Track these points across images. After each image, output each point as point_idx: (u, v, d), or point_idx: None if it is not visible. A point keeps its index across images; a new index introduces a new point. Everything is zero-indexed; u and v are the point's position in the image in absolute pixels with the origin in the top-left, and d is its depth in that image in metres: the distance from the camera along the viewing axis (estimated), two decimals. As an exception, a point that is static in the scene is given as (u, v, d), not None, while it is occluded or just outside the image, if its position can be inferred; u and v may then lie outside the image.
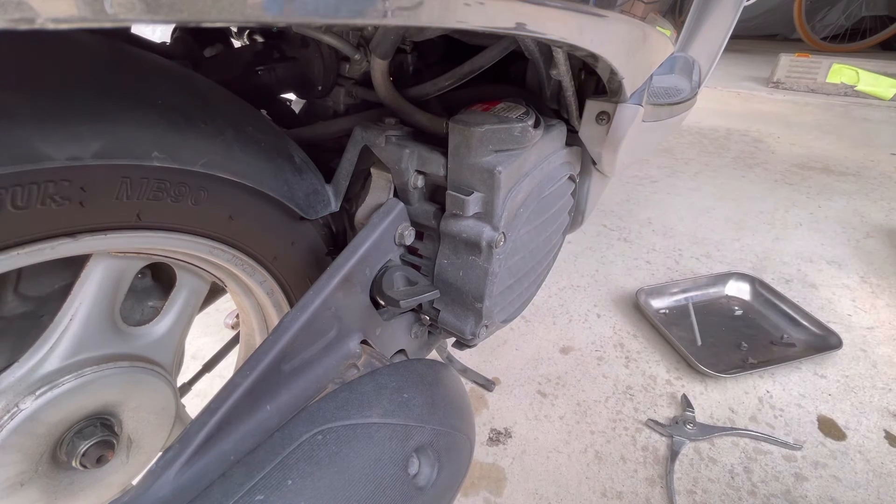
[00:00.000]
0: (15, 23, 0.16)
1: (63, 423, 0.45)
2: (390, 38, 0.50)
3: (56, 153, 0.31)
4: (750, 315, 1.33)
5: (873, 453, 0.97)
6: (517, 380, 1.13)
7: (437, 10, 0.28)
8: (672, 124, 0.79)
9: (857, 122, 2.99)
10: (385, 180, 0.56)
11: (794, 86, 3.64)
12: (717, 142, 2.63)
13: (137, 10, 0.18)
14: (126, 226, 0.40)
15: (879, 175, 2.15)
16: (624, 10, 0.44)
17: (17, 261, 0.35)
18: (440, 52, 0.71)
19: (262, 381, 0.42)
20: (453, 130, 0.48)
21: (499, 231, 0.50)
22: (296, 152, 0.53)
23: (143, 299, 0.54)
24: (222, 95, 0.47)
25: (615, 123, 0.57)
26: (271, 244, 0.54)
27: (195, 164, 0.40)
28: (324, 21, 0.24)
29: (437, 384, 0.50)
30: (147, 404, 0.52)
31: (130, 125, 0.36)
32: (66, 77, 0.34)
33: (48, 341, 0.43)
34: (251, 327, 0.66)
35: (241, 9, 0.20)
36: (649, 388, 1.11)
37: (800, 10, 4.61)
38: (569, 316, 1.34)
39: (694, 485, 0.90)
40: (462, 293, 0.54)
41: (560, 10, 0.36)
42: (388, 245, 0.53)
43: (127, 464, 0.52)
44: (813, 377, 1.15)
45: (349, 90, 0.66)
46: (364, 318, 0.52)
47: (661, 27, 0.56)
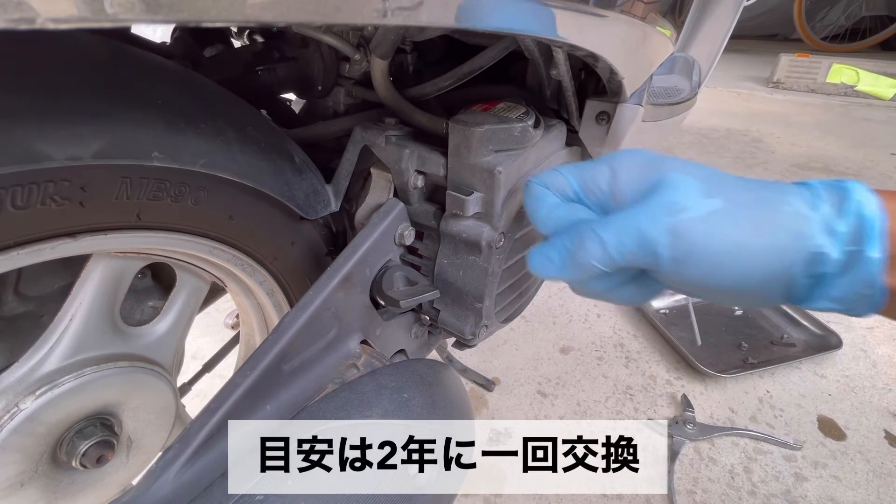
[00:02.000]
0: (15, 23, 0.16)
1: (63, 423, 0.45)
2: (390, 38, 0.50)
3: (56, 153, 0.31)
4: (750, 315, 1.33)
5: (873, 453, 0.97)
6: (517, 380, 1.13)
7: (437, 10, 0.28)
8: (672, 124, 0.79)
9: (857, 122, 2.99)
10: (385, 180, 0.56)
11: (794, 86, 3.64)
12: (718, 142, 2.63)
13: (137, 10, 0.18)
14: (126, 226, 0.40)
15: (879, 175, 2.15)
16: (624, 11, 0.44)
17: (17, 261, 0.35)
18: (440, 52, 0.71)
19: (262, 381, 0.42)
20: (453, 130, 0.48)
21: (499, 231, 0.50)
22: (296, 152, 0.53)
23: (143, 299, 0.54)
24: (222, 95, 0.47)
25: (615, 123, 0.57)
26: (271, 244, 0.54)
27: (195, 164, 0.40)
28: (324, 21, 0.24)
29: (437, 384, 0.50)
30: (147, 404, 0.52)
31: (130, 125, 0.36)
32: (66, 77, 0.34)
33: (48, 341, 0.43)
34: (251, 327, 0.66)
35: (241, 9, 0.20)
36: (649, 388, 1.11)
37: (800, 10, 4.61)
38: (569, 316, 1.34)
39: (694, 485, 0.90)
40: (462, 293, 0.54)
41: (560, 10, 0.36)
42: (388, 245, 0.53)
43: (127, 464, 0.52)
44: (813, 377, 1.15)
45: (349, 90, 0.66)
46: (364, 318, 0.52)
47: (661, 27, 0.56)
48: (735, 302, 0.35)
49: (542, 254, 0.38)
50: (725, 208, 0.32)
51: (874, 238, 0.29)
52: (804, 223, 0.31)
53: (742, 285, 0.32)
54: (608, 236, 0.34)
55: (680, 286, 0.35)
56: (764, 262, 0.31)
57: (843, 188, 0.31)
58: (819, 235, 0.30)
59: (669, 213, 0.32)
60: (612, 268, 0.35)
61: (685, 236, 0.32)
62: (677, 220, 0.32)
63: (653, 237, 0.32)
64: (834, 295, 0.31)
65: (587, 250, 0.35)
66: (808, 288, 0.31)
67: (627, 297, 0.39)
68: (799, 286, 0.31)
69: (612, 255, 0.34)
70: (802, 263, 0.30)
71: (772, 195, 0.33)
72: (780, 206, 0.32)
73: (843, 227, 0.30)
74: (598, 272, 0.36)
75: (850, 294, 0.30)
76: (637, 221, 0.33)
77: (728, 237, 0.31)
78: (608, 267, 0.35)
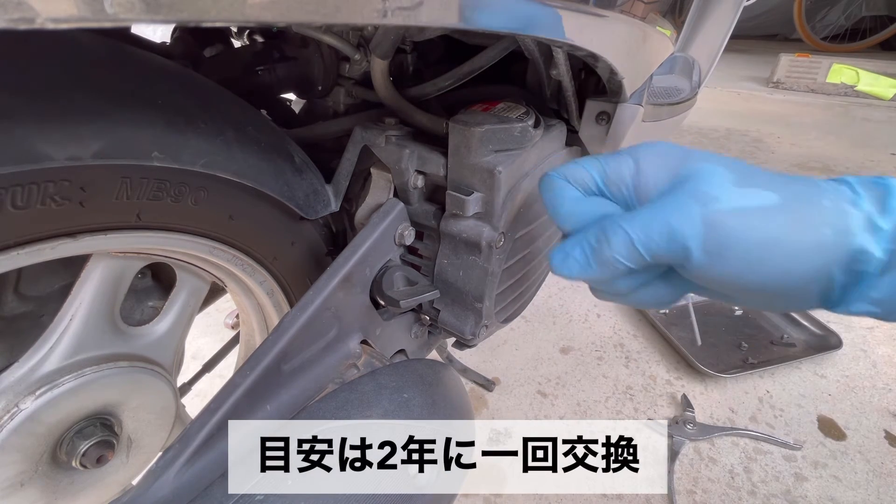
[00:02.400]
0: (15, 23, 0.16)
1: (63, 423, 0.45)
2: (390, 38, 0.50)
3: (56, 153, 0.31)
4: (750, 315, 1.33)
5: (873, 453, 0.97)
6: (517, 380, 1.13)
7: (437, 10, 0.28)
8: (672, 124, 0.79)
9: (857, 122, 2.99)
10: (385, 180, 0.56)
11: (794, 86, 3.64)
12: (718, 142, 2.63)
13: (137, 10, 0.18)
14: (126, 226, 0.40)
15: (880, 175, 2.14)
16: (624, 11, 0.44)
17: (17, 261, 0.35)
18: (440, 52, 0.71)
19: (261, 381, 0.42)
20: (453, 130, 0.48)
21: (499, 231, 0.50)
22: (296, 152, 0.53)
23: (143, 299, 0.54)
24: (222, 95, 0.47)
25: (615, 123, 0.57)
26: (271, 244, 0.54)
27: (195, 164, 0.40)
28: (324, 21, 0.24)
29: (437, 384, 0.50)
30: (147, 404, 0.52)
31: (130, 125, 0.36)
32: (66, 77, 0.34)
33: (48, 341, 0.43)
34: (251, 327, 0.66)
35: (240, 9, 0.20)
36: (649, 388, 1.11)
37: (800, 10, 4.61)
38: (569, 316, 1.34)
39: (694, 485, 0.90)
40: (462, 293, 0.54)
41: (560, 9, 0.36)
42: (388, 245, 0.53)
43: (127, 464, 0.52)
44: (813, 377, 1.15)
45: (349, 90, 0.66)
46: (364, 318, 0.52)
47: (661, 27, 0.56)
48: (769, 303, 0.34)
49: (565, 251, 0.35)
50: (762, 200, 0.30)
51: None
52: (846, 219, 0.29)
53: (779, 283, 0.30)
54: (635, 231, 0.32)
55: (711, 284, 0.33)
56: (803, 258, 0.29)
57: (883, 185, 0.30)
58: (862, 233, 0.29)
59: (702, 204, 0.31)
60: (640, 265, 0.33)
61: (719, 228, 0.30)
62: (710, 210, 0.30)
63: (684, 230, 0.30)
64: (874, 297, 0.29)
65: (613, 246, 0.33)
66: (847, 289, 0.30)
67: (654, 297, 0.37)
68: (837, 286, 0.30)
69: (639, 251, 0.32)
70: (843, 262, 0.29)
71: (809, 190, 0.31)
72: (820, 201, 0.30)
73: (886, 225, 0.28)
74: (625, 270, 0.33)
75: (890, 296, 0.29)
76: (667, 214, 0.31)
77: (765, 230, 0.30)
78: (636, 264, 0.33)
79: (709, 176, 0.32)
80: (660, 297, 0.37)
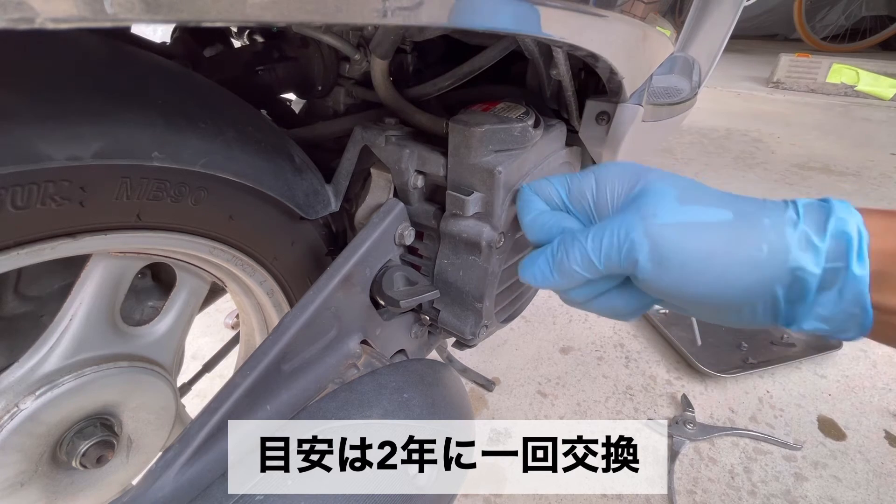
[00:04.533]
0: (15, 22, 0.16)
1: (63, 423, 0.45)
2: (390, 38, 0.50)
3: (56, 153, 0.31)
4: (750, 315, 1.33)
5: (873, 453, 0.97)
6: (517, 380, 1.13)
7: (436, 9, 0.28)
8: (672, 124, 0.79)
9: (857, 122, 2.99)
10: (385, 180, 0.56)
11: (794, 86, 3.64)
12: (718, 142, 2.63)
13: (137, 10, 0.18)
14: (126, 226, 0.40)
15: (879, 175, 2.15)
16: (624, 10, 0.44)
17: (17, 261, 0.35)
18: (440, 52, 0.71)
19: (262, 381, 0.42)
20: (453, 130, 0.48)
21: (499, 231, 0.50)
22: (296, 152, 0.53)
23: (143, 299, 0.54)
24: (222, 95, 0.47)
25: (615, 123, 0.57)
26: (271, 244, 0.54)
27: (195, 164, 0.40)
28: (324, 21, 0.24)
29: (437, 384, 0.50)
30: (147, 404, 0.52)
31: (130, 125, 0.36)
32: (66, 77, 0.34)
33: (48, 341, 0.43)
34: (251, 327, 0.66)
35: (241, 9, 0.20)
36: (649, 388, 1.11)
37: (800, 10, 4.61)
38: (569, 316, 1.34)
39: (694, 485, 0.90)
40: (462, 293, 0.54)
41: (560, 10, 0.36)
42: (388, 245, 0.53)
43: (127, 464, 0.52)
44: (813, 377, 1.15)
45: (349, 90, 0.66)
46: (364, 318, 0.52)
47: (661, 27, 0.56)
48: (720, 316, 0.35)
49: (532, 260, 0.39)
50: (699, 216, 0.33)
51: (858, 254, 0.29)
52: (781, 238, 0.31)
53: (721, 296, 0.32)
54: (590, 243, 0.35)
55: (662, 294, 0.35)
56: (739, 272, 0.31)
57: (825, 206, 0.31)
58: (796, 250, 0.30)
59: (645, 219, 0.34)
60: (596, 274, 0.36)
61: (660, 241, 0.33)
62: (651, 224, 0.33)
63: (631, 242, 0.33)
64: (820, 313, 0.30)
65: (571, 257, 0.36)
66: (794, 306, 0.31)
67: (612, 305, 0.40)
68: (783, 303, 0.31)
69: (594, 262, 0.35)
70: (784, 280, 0.30)
71: (752, 209, 0.33)
72: (761, 220, 0.32)
73: (823, 244, 0.30)
74: (583, 279, 0.37)
75: (838, 313, 0.30)
76: (616, 227, 0.35)
77: (702, 244, 0.32)
78: (592, 273, 0.36)
79: (655, 193, 0.35)
80: (618, 306, 0.40)
